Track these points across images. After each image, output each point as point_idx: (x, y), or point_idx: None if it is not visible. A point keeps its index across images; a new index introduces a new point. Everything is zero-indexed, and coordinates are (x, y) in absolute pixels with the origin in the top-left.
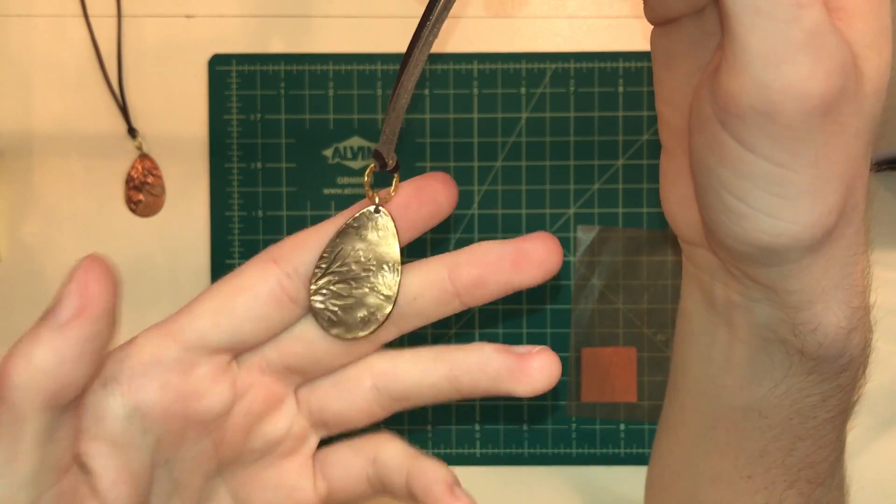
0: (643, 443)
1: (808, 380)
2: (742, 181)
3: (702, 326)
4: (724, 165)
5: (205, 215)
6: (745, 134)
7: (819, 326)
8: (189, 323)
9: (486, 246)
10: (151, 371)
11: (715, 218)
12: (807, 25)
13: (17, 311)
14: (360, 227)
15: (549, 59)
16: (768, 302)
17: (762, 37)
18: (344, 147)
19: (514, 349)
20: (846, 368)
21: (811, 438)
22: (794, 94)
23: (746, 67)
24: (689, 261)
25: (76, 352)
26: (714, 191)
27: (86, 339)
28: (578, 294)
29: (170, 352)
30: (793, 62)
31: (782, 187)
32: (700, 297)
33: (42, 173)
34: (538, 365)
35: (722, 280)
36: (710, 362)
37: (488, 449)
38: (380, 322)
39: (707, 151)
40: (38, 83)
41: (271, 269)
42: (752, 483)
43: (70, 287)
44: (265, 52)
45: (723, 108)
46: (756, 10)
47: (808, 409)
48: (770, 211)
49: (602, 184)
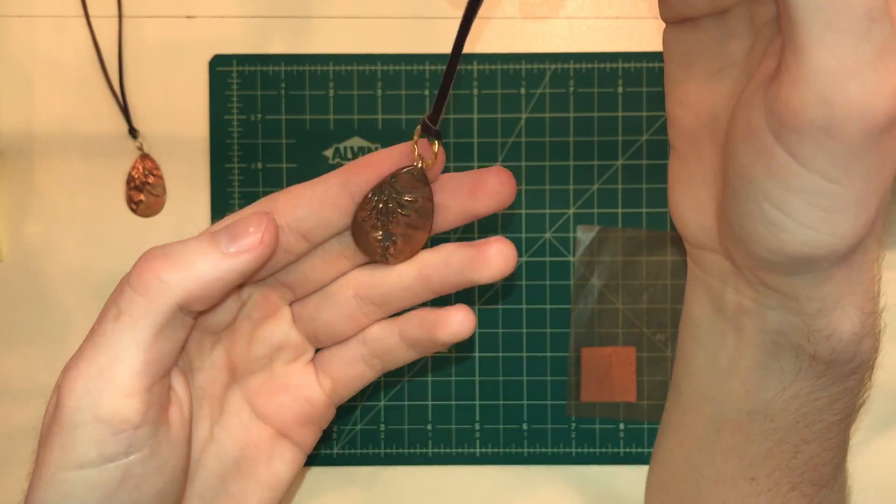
0: (643, 442)
1: (816, 384)
2: (789, 194)
3: (708, 331)
4: (771, 178)
5: (205, 215)
6: (800, 149)
7: (834, 333)
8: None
9: (447, 176)
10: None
11: (750, 228)
12: (878, 41)
13: (17, 311)
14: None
15: (548, 59)
16: (784, 309)
17: (831, 52)
18: (344, 147)
19: (473, 242)
20: (855, 371)
21: (817, 441)
22: (858, 112)
23: (811, 82)
24: (696, 265)
25: (230, 279)
26: (754, 201)
27: (243, 273)
28: (578, 294)
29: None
30: (860, 78)
31: (829, 200)
32: (707, 302)
33: (43, 173)
34: (495, 251)
35: (734, 286)
36: (716, 367)
37: (488, 448)
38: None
39: (754, 162)
40: (38, 83)
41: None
42: (755, 485)
43: (251, 224)
44: (265, 53)
45: (779, 121)
46: (827, 25)
47: (815, 413)
48: (813, 224)
49: (602, 184)
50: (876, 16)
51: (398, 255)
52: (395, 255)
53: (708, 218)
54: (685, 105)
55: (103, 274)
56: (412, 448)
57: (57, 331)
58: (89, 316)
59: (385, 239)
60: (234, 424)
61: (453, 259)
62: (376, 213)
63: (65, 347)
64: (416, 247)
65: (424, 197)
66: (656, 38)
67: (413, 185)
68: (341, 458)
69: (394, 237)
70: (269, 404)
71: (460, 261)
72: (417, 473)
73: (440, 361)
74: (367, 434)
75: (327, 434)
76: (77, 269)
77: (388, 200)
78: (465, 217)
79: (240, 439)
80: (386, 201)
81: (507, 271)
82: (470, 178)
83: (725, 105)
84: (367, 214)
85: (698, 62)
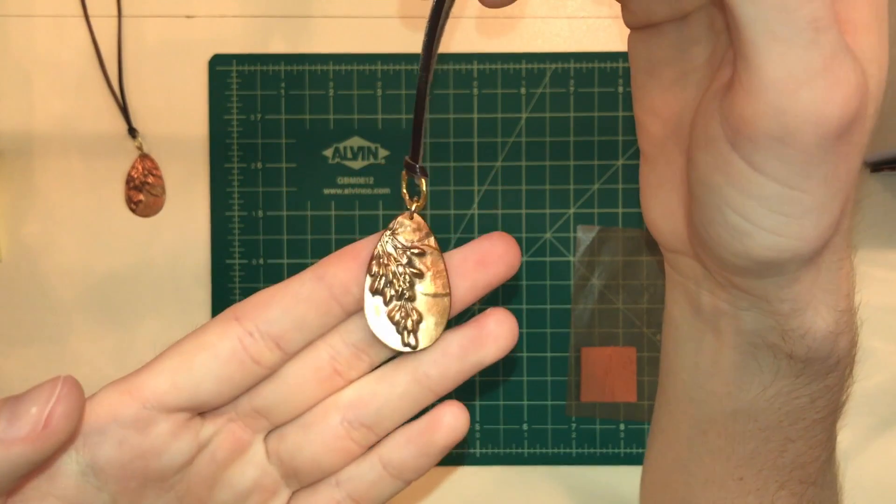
0: (643, 443)
1: (796, 382)
2: (749, 201)
3: (688, 333)
4: (730, 185)
5: (205, 215)
6: (757, 157)
7: (808, 331)
8: (148, 381)
9: (449, 254)
10: (108, 428)
11: (714, 234)
12: (825, 49)
13: (17, 311)
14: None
15: (549, 59)
16: (757, 310)
17: (780, 62)
18: (344, 147)
19: (467, 323)
20: (833, 369)
21: (802, 439)
22: (811, 120)
23: (762, 93)
24: (672, 268)
25: (14, 468)
26: (716, 208)
27: (29, 462)
28: (578, 294)
29: (127, 410)
30: (811, 87)
31: (790, 206)
32: (685, 304)
33: (42, 173)
34: (494, 323)
35: (708, 288)
36: (698, 368)
37: (488, 449)
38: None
39: (713, 170)
40: (38, 83)
41: (233, 327)
42: (743, 485)
43: (34, 399)
44: (265, 53)
45: (734, 131)
46: (773, 36)
47: (798, 411)
48: (775, 229)
49: (602, 184)
50: (821, 25)
51: (426, 334)
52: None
53: (679, 223)
54: (652, 111)
55: (102, 274)
56: None
57: (56, 330)
58: (88, 316)
59: (405, 317)
60: None
61: (451, 347)
62: (385, 283)
63: (64, 347)
64: (443, 316)
65: (430, 245)
66: None
67: (413, 234)
68: None
69: (414, 312)
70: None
71: (459, 345)
72: None
73: None
74: None
75: None
76: (76, 268)
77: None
78: (476, 292)
79: None
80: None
81: (512, 342)
82: (473, 250)
83: (689, 111)
84: (377, 289)
85: (662, 68)
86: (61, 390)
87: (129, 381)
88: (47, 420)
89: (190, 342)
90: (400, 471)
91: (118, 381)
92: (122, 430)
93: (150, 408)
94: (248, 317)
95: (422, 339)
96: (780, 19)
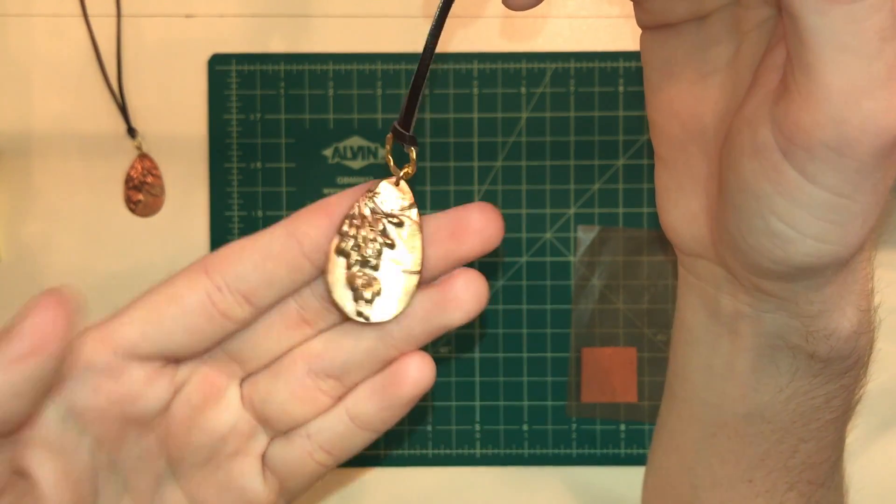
0: (643, 443)
1: (814, 382)
2: (797, 209)
3: (702, 336)
4: (779, 194)
5: (205, 215)
6: (811, 166)
7: (834, 332)
8: (119, 329)
9: (424, 219)
10: (83, 375)
11: (753, 241)
12: (889, 59)
13: (15, 310)
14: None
15: (549, 58)
16: (782, 312)
17: (844, 73)
18: (344, 147)
19: (434, 283)
20: (852, 368)
21: (814, 440)
22: (871, 130)
23: (823, 103)
24: (688, 272)
25: (22, 389)
26: (759, 215)
27: (35, 378)
28: (579, 294)
29: (100, 357)
30: (873, 97)
31: (836, 213)
32: (701, 307)
33: (41, 173)
34: (461, 285)
35: (729, 291)
36: (711, 371)
37: (488, 449)
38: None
39: (760, 178)
40: (37, 83)
41: (202, 280)
42: (752, 487)
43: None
44: (265, 52)
45: (788, 140)
46: (840, 46)
47: (812, 412)
48: (820, 235)
49: (602, 184)
50: (887, 35)
51: (383, 309)
52: (379, 308)
53: (700, 227)
54: (669, 113)
55: (102, 274)
56: (412, 449)
57: None
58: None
59: (365, 286)
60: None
61: (415, 309)
62: (353, 246)
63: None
64: (407, 294)
65: (409, 217)
66: None
67: (396, 201)
68: None
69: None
70: (208, 499)
71: (424, 307)
72: (418, 475)
73: (440, 362)
74: None
75: None
76: (76, 268)
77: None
78: (448, 264)
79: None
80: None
81: (479, 306)
82: (449, 218)
83: (713, 113)
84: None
85: (680, 69)
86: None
87: (101, 328)
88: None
89: (160, 293)
90: (366, 423)
91: (91, 329)
92: (96, 376)
93: (122, 356)
94: (217, 270)
95: (376, 313)
96: (848, 30)
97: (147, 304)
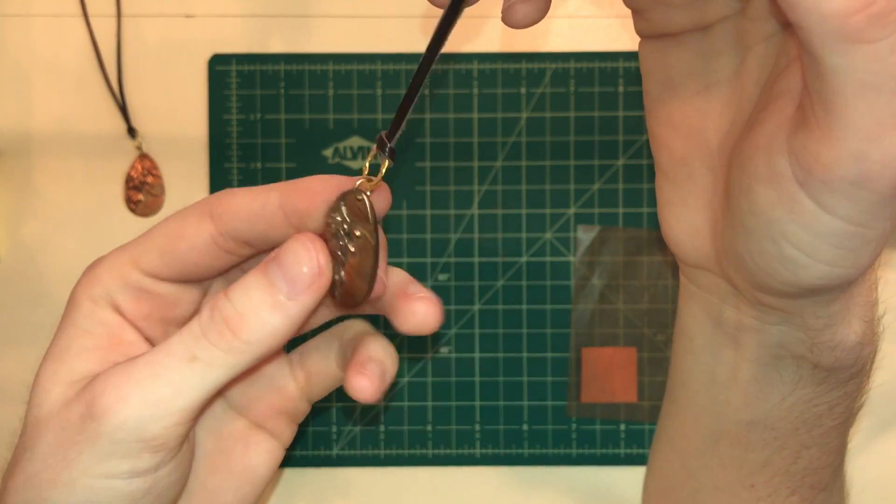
0: (643, 443)
1: (817, 390)
2: (811, 237)
3: (704, 345)
4: (794, 222)
5: None
6: (828, 198)
7: (839, 343)
8: (143, 254)
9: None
10: (121, 288)
11: (763, 264)
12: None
13: (17, 311)
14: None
15: (549, 59)
16: (787, 325)
17: (866, 110)
18: (344, 147)
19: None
20: (855, 376)
21: (816, 446)
22: (893, 165)
23: (844, 139)
24: (690, 281)
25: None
26: (772, 240)
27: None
28: (578, 294)
29: (131, 276)
30: (894, 133)
31: (851, 241)
32: (703, 317)
33: (41, 173)
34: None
35: (733, 304)
36: (714, 379)
37: (488, 449)
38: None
39: (774, 205)
40: (37, 83)
41: (207, 224)
42: (754, 492)
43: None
44: (265, 52)
45: (807, 172)
46: (863, 85)
47: (815, 419)
48: (833, 261)
49: (602, 184)
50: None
51: (343, 299)
52: (340, 297)
53: (703, 241)
54: (670, 125)
55: None
56: (412, 449)
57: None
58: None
59: (336, 272)
60: (206, 415)
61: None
62: (333, 236)
63: None
64: (358, 295)
65: (368, 233)
66: None
67: (359, 216)
68: (341, 459)
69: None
70: (241, 394)
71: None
72: (417, 475)
73: (440, 362)
74: (366, 435)
75: (327, 435)
76: (76, 268)
77: (339, 228)
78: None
79: (213, 430)
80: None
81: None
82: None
83: (717, 127)
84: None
85: (681, 80)
86: (313, 242)
87: (128, 250)
88: (320, 269)
89: (172, 226)
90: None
91: (120, 250)
92: (134, 290)
93: (149, 275)
94: (220, 219)
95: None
96: (869, 68)
97: (164, 235)
